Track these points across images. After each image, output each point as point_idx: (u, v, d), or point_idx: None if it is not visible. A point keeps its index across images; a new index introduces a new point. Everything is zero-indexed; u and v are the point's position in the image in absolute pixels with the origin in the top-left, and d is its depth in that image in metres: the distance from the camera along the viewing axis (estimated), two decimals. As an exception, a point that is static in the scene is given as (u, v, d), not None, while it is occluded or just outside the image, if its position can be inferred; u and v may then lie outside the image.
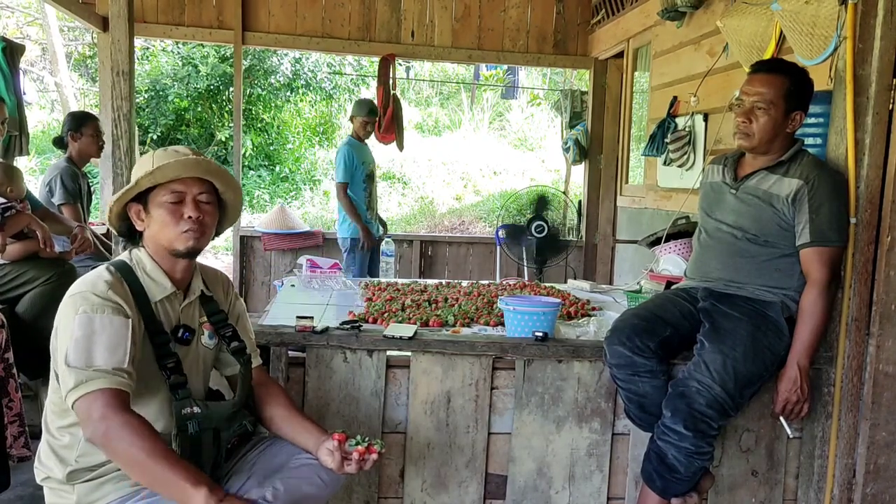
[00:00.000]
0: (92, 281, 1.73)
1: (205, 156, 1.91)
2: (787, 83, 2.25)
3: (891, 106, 2.26)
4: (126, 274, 1.79)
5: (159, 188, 1.80)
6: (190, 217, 1.80)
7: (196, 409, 1.77)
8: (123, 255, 1.87)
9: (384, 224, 5.45)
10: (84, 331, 1.63)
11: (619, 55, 5.80)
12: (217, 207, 1.90)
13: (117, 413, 1.58)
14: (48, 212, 3.72)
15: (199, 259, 1.97)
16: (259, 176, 11.87)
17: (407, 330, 2.38)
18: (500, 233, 5.51)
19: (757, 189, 2.32)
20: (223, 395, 2.02)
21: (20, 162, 4.62)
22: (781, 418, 2.35)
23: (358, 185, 5.11)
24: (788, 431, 2.38)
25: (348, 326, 2.40)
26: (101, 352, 1.62)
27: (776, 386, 2.29)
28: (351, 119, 5.31)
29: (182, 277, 1.88)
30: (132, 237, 1.88)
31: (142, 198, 1.82)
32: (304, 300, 3.20)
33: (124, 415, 1.59)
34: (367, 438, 1.86)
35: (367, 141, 5.28)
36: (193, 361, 1.89)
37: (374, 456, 1.84)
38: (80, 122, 4.20)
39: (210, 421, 1.79)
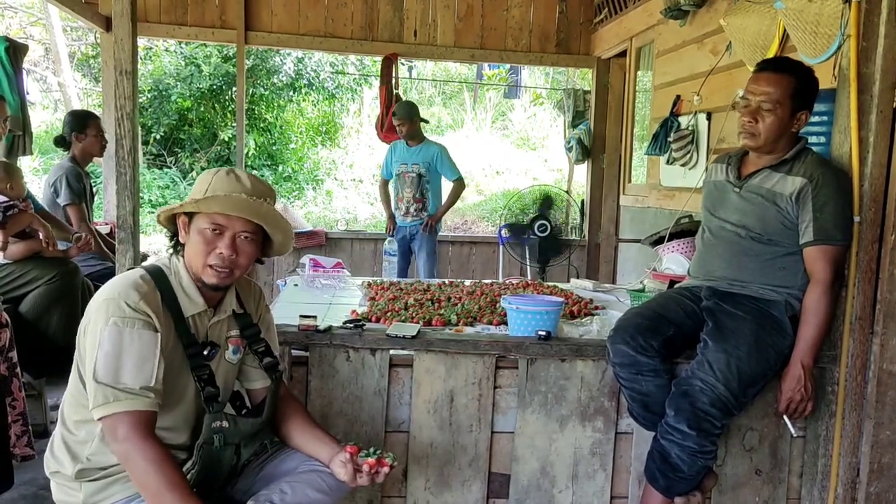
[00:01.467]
0: (125, 288, 1.70)
1: (269, 189, 1.87)
2: (793, 83, 2.23)
3: (895, 104, 2.25)
4: (161, 282, 1.77)
5: (204, 213, 1.77)
6: (221, 254, 1.77)
7: (225, 424, 1.78)
8: (162, 261, 1.85)
9: (424, 218, 5.37)
10: (113, 345, 1.63)
11: (622, 54, 5.80)
12: (260, 245, 1.87)
13: (139, 438, 1.61)
14: (48, 215, 3.73)
15: None
16: (262, 175, 11.85)
17: (410, 329, 2.38)
18: (502, 232, 5.50)
19: (760, 188, 2.31)
20: (243, 398, 2.02)
21: (24, 162, 4.63)
22: (785, 417, 2.34)
23: (393, 180, 5.47)
24: (792, 430, 2.38)
25: (351, 326, 2.39)
26: (129, 369, 1.63)
27: (779, 385, 2.28)
28: None
29: (213, 296, 1.86)
30: (178, 241, 1.86)
31: (191, 212, 1.80)
32: (307, 299, 3.20)
33: (146, 441, 1.62)
34: (378, 451, 1.86)
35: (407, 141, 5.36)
36: (220, 374, 1.89)
37: (386, 469, 1.84)
38: (84, 122, 4.20)
39: (235, 436, 1.81)
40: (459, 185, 5.46)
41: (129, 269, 1.85)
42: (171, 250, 1.88)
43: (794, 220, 2.25)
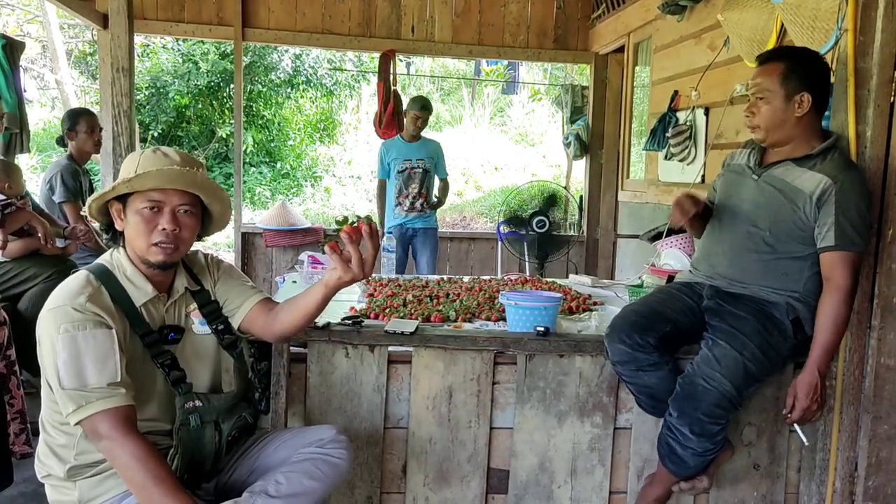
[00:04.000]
0: (70, 292, 1.68)
1: (197, 161, 1.87)
2: (781, 68, 2.19)
3: (892, 98, 2.25)
4: (106, 280, 1.76)
5: (138, 193, 1.76)
6: (164, 230, 1.76)
7: (198, 403, 1.78)
8: (104, 258, 1.83)
9: (428, 213, 5.38)
10: (69, 351, 1.61)
11: (620, 50, 5.79)
12: (200, 218, 1.86)
13: (121, 434, 1.60)
14: (44, 213, 3.73)
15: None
16: (260, 172, 11.87)
17: (408, 325, 2.38)
18: (501, 228, 5.51)
19: (779, 180, 2.24)
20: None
21: (21, 159, 4.63)
22: (796, 426, 2.29)
23: (392, 178, 5.33)
24: (804, 439, 2.33)
25: (350, 322, 2.39)
26: (91, 370, 1.61)
27: (792, 393, 2.21)
28: (404, 114, 5.39)
29: (162, 280, 1.85)
30: (115, 233, 1.84)
31: (123, 197, 1.78)
32: (305, 296, 3.19)
33: (127, 437, 1.61)
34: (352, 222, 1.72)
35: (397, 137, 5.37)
36: (193, 354, 1.89)
37: (366, 228, 1.69)
38: (74, 120, 4.19)
39: (211, 414, 1.81)
40: (447, 183, 5.54)
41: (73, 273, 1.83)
42: (109, 244, 1.87)
43: (810, 222, 2.18)
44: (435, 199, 5.39)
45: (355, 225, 1.70)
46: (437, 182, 5.44)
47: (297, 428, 2.15)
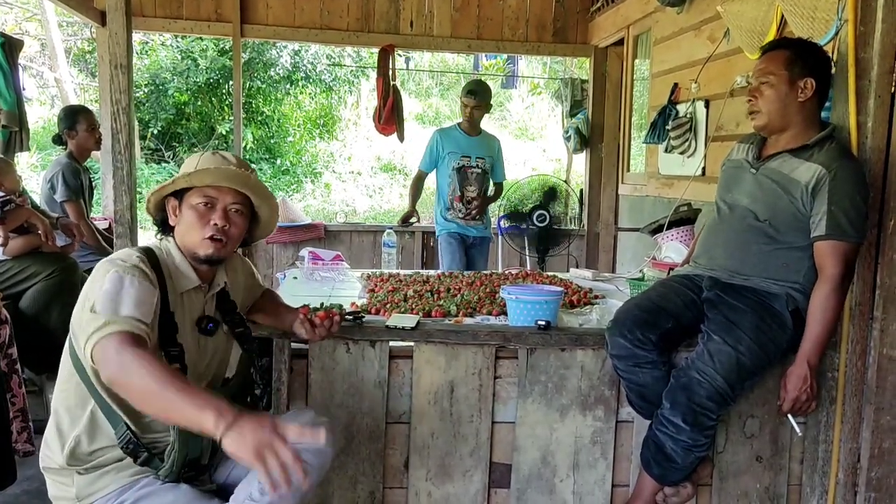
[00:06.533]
0: (127, 254, 1.77)
1: (251, 168, 1.97)
2: (786, 53, 2.21)
3: (893, 89, 2.24)
4: (152, 260, 1.81)
5: (195, 190, 1.84)
6: (215, 224, 1.83)
7: None
8: (152, 243, 1.90)
9: (485, 223, 4.85)
10: (114, 285, 1.66)
11: (619, 43, 5.78)
12: (248, 219, 1.94)
13: (132, 348, 1.56)
14: (42, 211, 3.73)
15: None
16: (260, 169, 11.87)
17: (409, 320, 2.37)
18: (501, 222, 5.50)
19: (776, 172, 2.24)
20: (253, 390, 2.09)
21: (21, 158, 4.63)
22: (789, 416, 2.30)
23: (443, 174, 4.71)
24: (797, 429, 2.35)
25: (351, 317, 2.39)
26: (126, 304, 1.64)
27: (783, 384, 2.24)
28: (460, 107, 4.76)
29: (206, 274, 1.92)
30: (166, 228, 1.91)
31: (180, 194, 1.86)
32: (306, 292, 3.19)
33: (138, 349, 1.56)
34: (329, 308, 2.17)
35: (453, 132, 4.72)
36: (215, 350, 1.93)
37: (336, 318, 2.14)
38: (74, 119, 4.19)
39: None
40: (502, 188, 5.00)
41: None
42: (159, 235, 1.92)
43: (807, 212, 2.17)
44: (487, 214, 4.78)
45: (327, 311, 2.16)
46: (490, 186, 4.86)
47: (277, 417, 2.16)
